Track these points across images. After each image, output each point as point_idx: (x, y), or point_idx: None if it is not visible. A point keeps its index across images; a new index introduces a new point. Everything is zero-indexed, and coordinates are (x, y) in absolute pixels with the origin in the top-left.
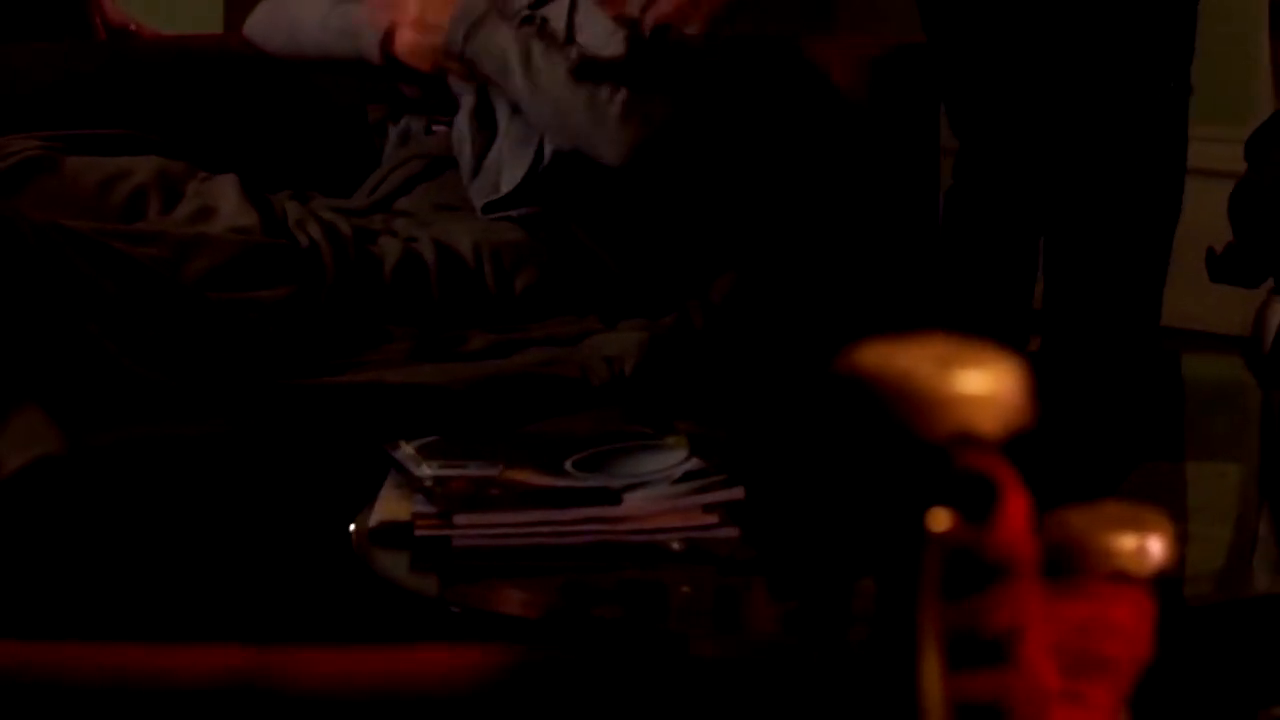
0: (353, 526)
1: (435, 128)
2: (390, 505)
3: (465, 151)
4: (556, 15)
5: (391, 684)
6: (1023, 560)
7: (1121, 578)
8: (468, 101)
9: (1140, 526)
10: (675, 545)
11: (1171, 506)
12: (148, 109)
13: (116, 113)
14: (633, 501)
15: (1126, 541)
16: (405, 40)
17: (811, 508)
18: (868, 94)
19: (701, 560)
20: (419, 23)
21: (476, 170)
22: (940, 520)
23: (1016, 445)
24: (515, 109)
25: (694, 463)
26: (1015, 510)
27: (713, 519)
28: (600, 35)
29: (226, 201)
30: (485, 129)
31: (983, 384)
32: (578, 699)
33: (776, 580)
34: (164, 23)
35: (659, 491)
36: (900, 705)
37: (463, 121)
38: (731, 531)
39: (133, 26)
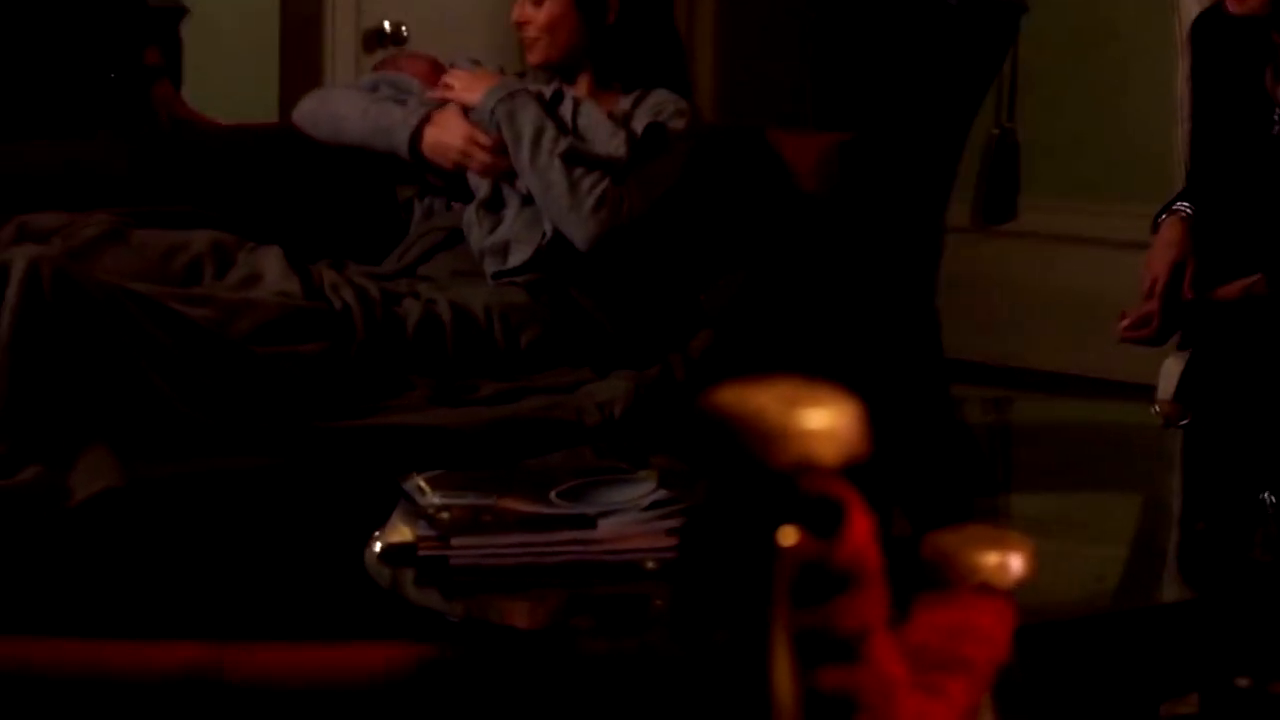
0: (377, 546)
1: (454, 204)
2: (399, 529)
3: (473, 234)
4: (563, 115)
5: (330, 675)
6: (868, 570)
7: (986, 589)
8: (480, 194)
9: (1002, 546)
10: (650, 564)
11: (1092, 531)
12: (205, 188)
13: (178, 192)
14: (606, 526)
15: (990, 558)
16: (434, 138)
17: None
18: (833, 177)
19: (669, 578)
20: (447, 126)
21: (485, 248)
22: (788, 536)
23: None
24: (525, 200)
25: (661, 493)
26: (859, 527)
27: (674, 541)
28: (603, 136)
29: (271, 269)
30: (492, 213)
31: (822, 420)
32: (484, 688)
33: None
34: (227, 114)
35: (629, 518)
36: (755, 699)
37: (470, 211)
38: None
39: (194, 118)
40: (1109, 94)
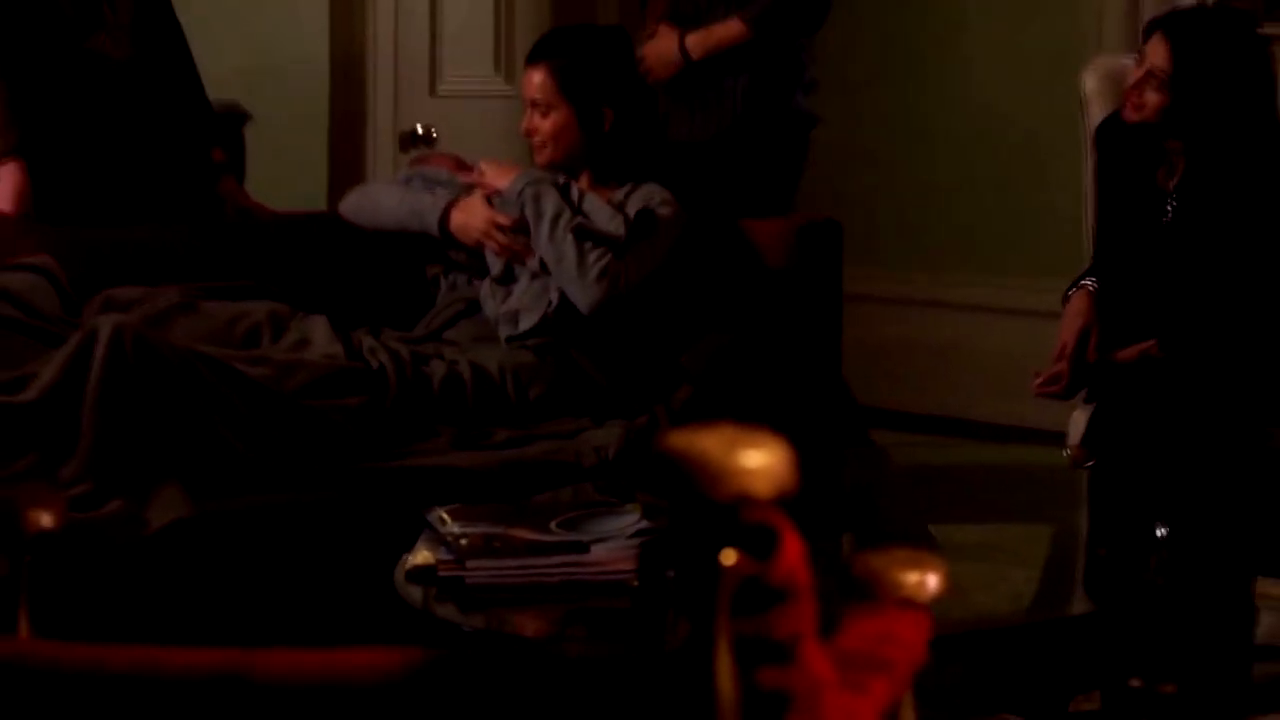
0: (405, 567)
1: (474, 280)
2: (423, 553)
3: (488, 305)
4: (573, 199)
5: (341, 674)
6: (800, 586)
7: (907, 603)
8: (495, 270)
9: (921, 566)
10: (634, 583)
11: (1011, 556)
12: (263, 266)
13: (240, 269)
14: (597, 551)
15: (911, 577)
16: (459, 222)
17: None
18: (792, 255)
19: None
20: (471, 211)
21: (499, 316)
22: (729, 557)
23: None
24: (533, 275)
25: (644, 523)
26: (791, 550)
27: None
28: (604, 219)
29: (319, 335)
30: (504, 286)
31: (758, 460)
32: (475, 685)
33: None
34: (282, 203)
35: (617, 544)
36: (701, 696)
37: (485, 286)
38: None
39: (254, 207)
40: (1025, 188)
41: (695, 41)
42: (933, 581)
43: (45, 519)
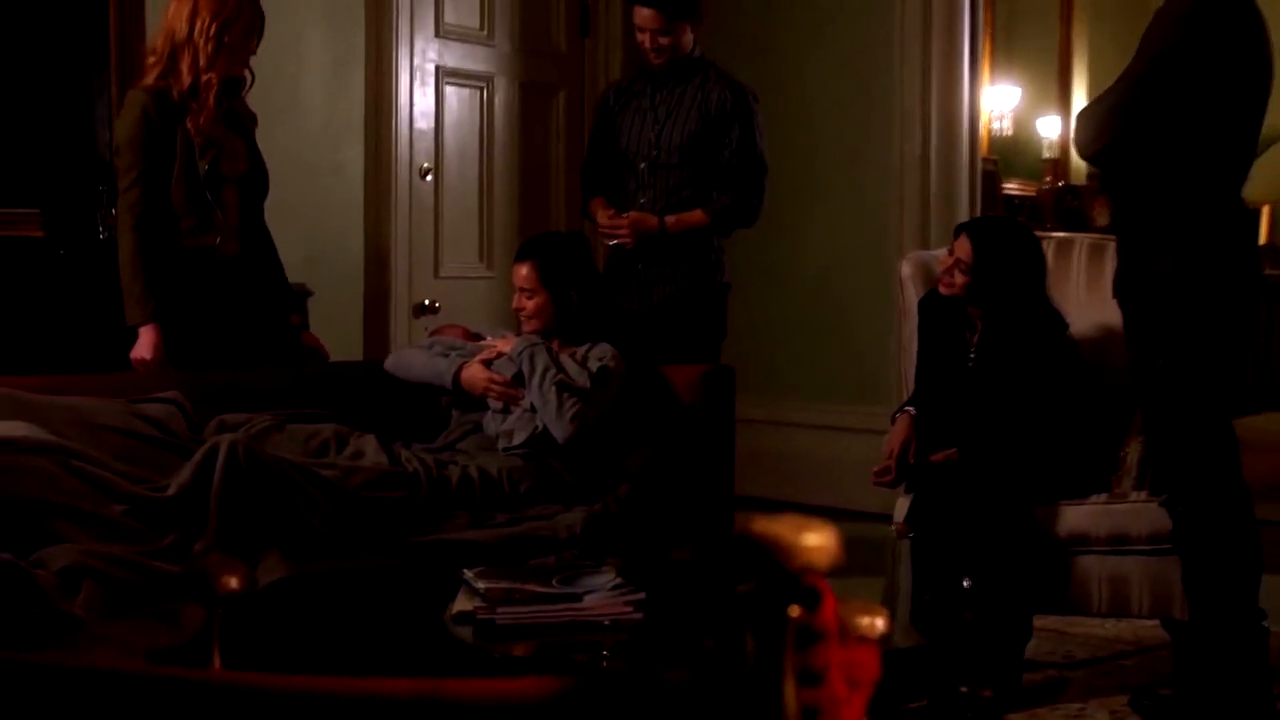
0: (450, 613)
1: (478, 410)
2: (463, 602)
3: (489, 427)
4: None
5: (506, 695)
6: (832, 631)
7: (863, 639)
8: (494, 408)
9: (871, 613)
10: (606, 622)
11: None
12: (329, 399)
13: (313, 401)
14: (588, 600)
15: (864, 620)
16: (465, 378)
17: (721, 605)
18: (699, 393)
19: (621, 630)
20: (474, 372)
21: (498, 433)
22: (794, 610)
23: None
24: (523, 410)
25: (619, 580)
26: (829, 606)
27: (629, 609)
28: (575, 372)
29: (370, 448)
30: (501, 414)
31: (817, 540)
32: (601, 705)
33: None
34: (331, 355)
35: (601, 594)
36: (773, 707)
37: (487, 414)
38: (639, 615)
39: (320, 349)
40: (851, 343)
41: (671, 221)
42: (880, 623)
43: (234, 582)
